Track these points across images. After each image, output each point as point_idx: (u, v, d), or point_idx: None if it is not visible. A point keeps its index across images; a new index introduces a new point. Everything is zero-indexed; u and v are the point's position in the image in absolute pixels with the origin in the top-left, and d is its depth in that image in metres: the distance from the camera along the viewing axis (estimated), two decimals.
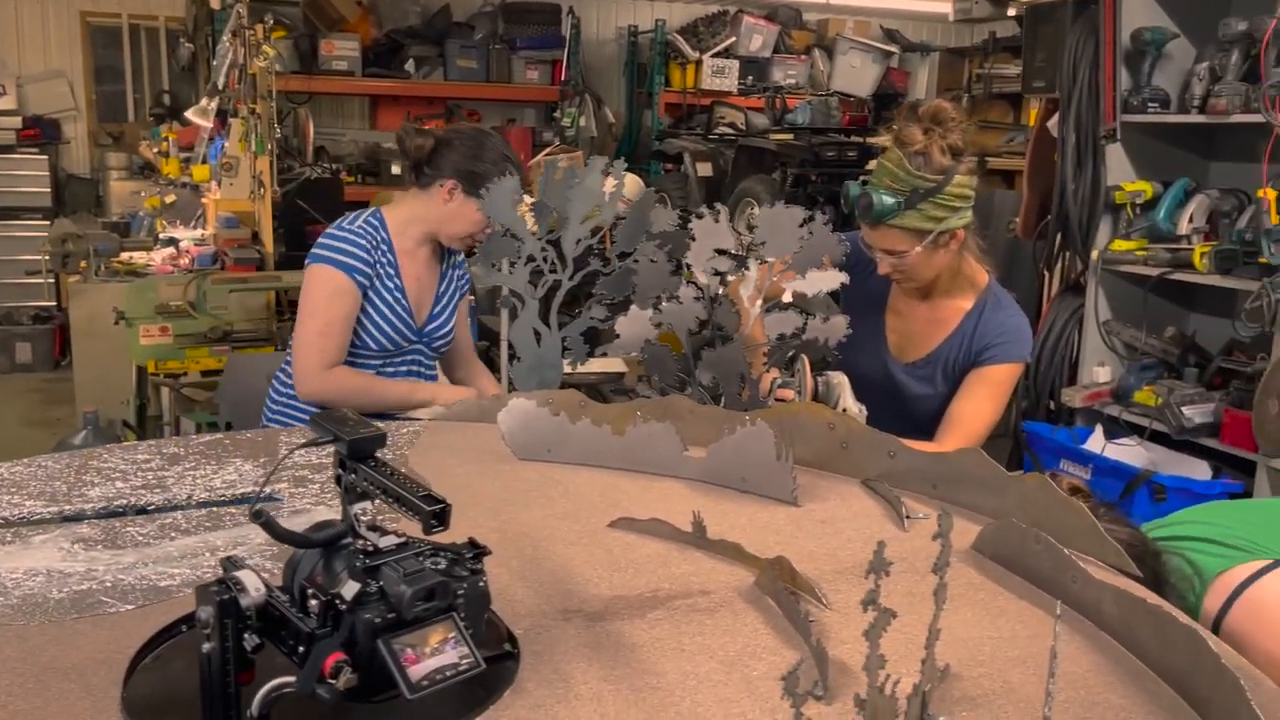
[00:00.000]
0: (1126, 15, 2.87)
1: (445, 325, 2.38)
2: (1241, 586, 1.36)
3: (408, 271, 2.28)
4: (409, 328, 2.28)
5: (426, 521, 0.87)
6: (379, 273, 2.23)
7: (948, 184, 1.77)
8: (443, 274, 2.38)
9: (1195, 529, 1.51)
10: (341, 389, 2.17)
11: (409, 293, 2.27)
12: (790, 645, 1.02)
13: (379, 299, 2.23)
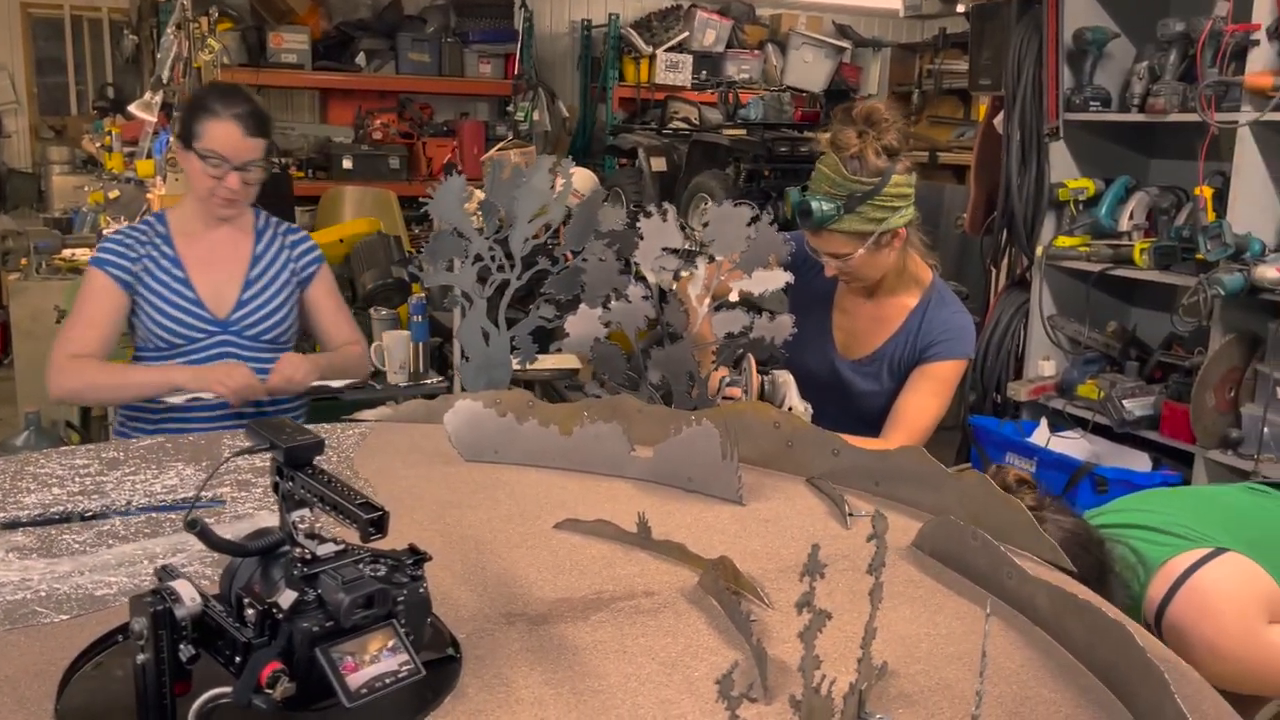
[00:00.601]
0: (1068, 15, 2.91)
1: (262, 311, 2.25)
2: (1184, 576, 1.40)
3: (194, 260, 2.20)
4: (202, 319, 2.20)
5: (364, 529, 0.86)
6: (148, 267, 2.18)
7: (885, 185, 1.79)
8: (257, 256, 2.27)
9: (1137, 517, 1.56)
10: (83, 378, 2.13)
11: (197, 283, 2.19)
12: (732, 645, 1.03)
13: (153, 294, 2.17)
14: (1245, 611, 1.39)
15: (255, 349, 2.25)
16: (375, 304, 3.49)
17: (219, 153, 2.09)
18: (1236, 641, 1.39)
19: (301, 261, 2.31)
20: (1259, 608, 1.40)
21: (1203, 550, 1.44)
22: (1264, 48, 2.47)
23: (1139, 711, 0.91)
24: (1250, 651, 1.38)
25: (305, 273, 2.31)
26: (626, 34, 7.19)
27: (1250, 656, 1.38)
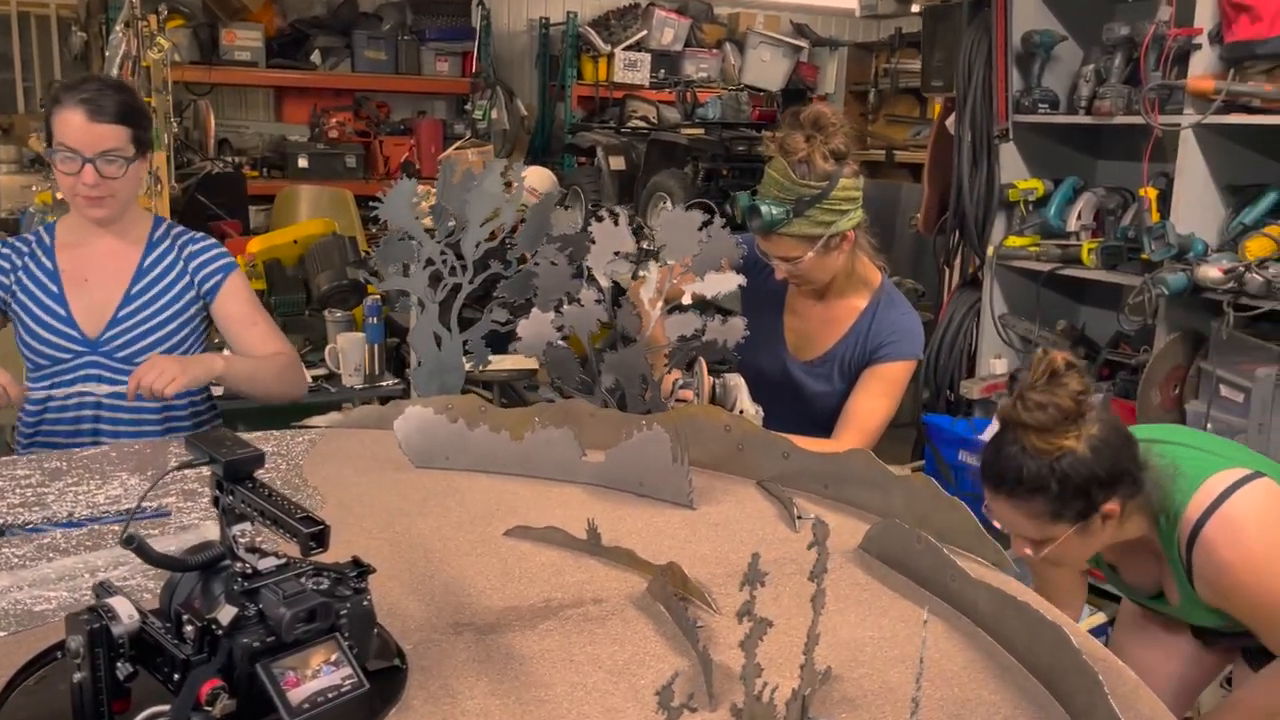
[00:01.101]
0: (1017, 18, 2.95)
1: (138, 331, 1.93)
2: (1221, 497, 1.45)
3: (72, 274, 1.93)
4: (70, 339, 1.90)
5: (305, 544, 0.86)
6: (22, 280, 1.92)
7: (833, 189, 1.81)
8: (142, 269, 1.96)
9: (1182, 436, 1.62)
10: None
11: (71, 299, 1.91)
12: (679, 652, 1.04)
13: (25, 310, 1.91)
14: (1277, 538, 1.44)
15: (127, 373, 1.87)
16: (330, 306, 3.45)
17: (66, 144, 1.81)
18: (1265, 564, 1.43)
19: (202, 273, 2.00)
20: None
21: (1243, 471, 1.48)
22: (1205, 52, 2.52)
23: (1075, 711, 0.93)
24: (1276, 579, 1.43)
25: (208, 285, 2.00)
26: (585, 32, 7.17)
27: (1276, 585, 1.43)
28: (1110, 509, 1.46)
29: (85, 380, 1.91)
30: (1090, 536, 1.48)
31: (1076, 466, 1.43)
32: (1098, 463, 1.43)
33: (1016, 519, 1.48)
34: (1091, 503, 1.44)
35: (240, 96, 6.92)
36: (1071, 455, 1.42)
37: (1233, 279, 2.39)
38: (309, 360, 3.28)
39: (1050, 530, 1.47)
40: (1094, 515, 1.46)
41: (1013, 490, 1.46)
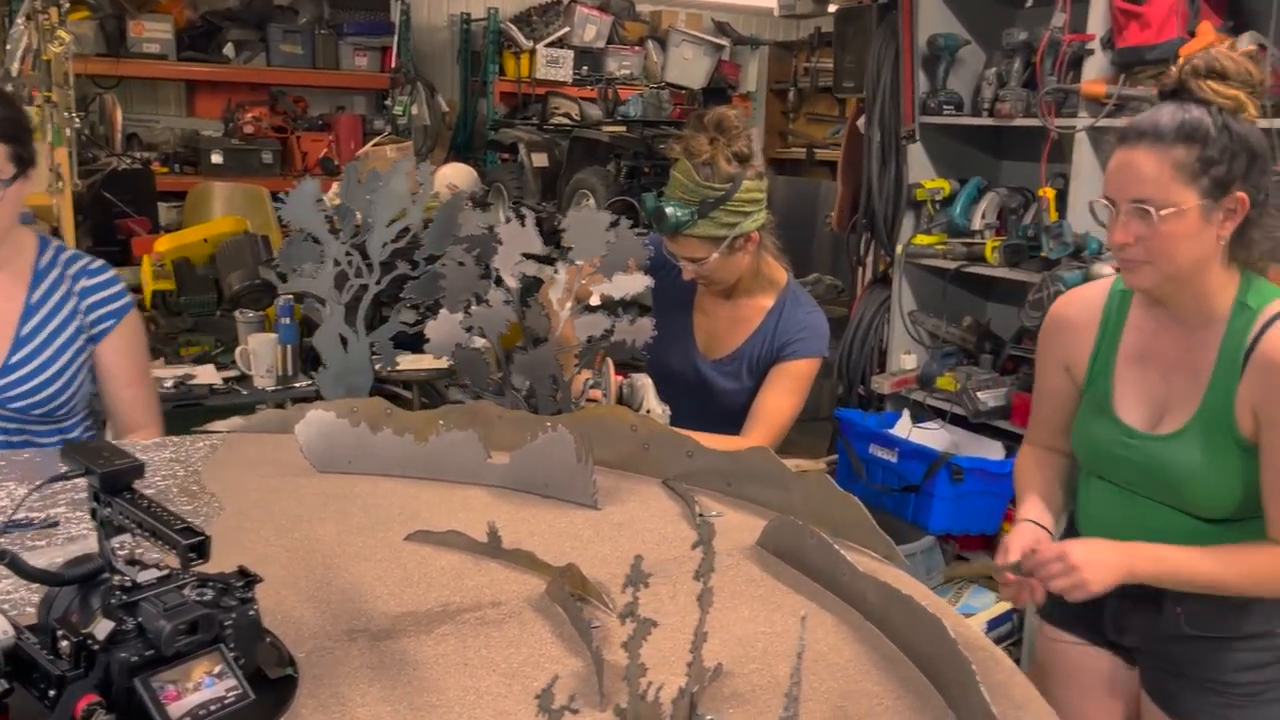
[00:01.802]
0: (922, 22, 3.03)
1: (34, 381, 1.75)
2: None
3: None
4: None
5: (184, 555, 0.85)
6: None
7: (736, 191, 1.84)
8: (32, 307, 1.75)
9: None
10: None
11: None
12: (574, 654, 1.05)
13: None
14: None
15: (23, 424, 1.75)
16: (242, 306, 3.39)
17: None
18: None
19: (96, 313, 1.81)
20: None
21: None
22: (1098, 57, 2.62)
23: (952, 699, 0.97)
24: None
25: (99, 327, 1.81)
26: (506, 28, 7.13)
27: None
28: (1241, 198, 1.41)
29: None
30: (1201, 231, 1.42)
31: (1243, 128, 1.40)
32: (1256, 139, 1.40)
33: (1145, 170, 1.41)
34: (1230, 176, 1.40)
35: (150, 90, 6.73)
36: (1242, 117, 1.40)
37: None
38: (220, 362, 3.22)
39: (1176, 193, 1.40)
40: (1224, 198, 1.41)
41: (1160, 135, 1.41)
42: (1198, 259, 1.44)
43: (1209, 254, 1.44)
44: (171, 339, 3.46)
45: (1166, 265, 1.45)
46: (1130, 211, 1.43)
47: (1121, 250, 1.48)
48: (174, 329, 3.54)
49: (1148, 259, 1.45)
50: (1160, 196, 1.41)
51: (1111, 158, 1.48)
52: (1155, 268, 1.45)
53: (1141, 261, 1.46)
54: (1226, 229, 1.43)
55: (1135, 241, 1.44)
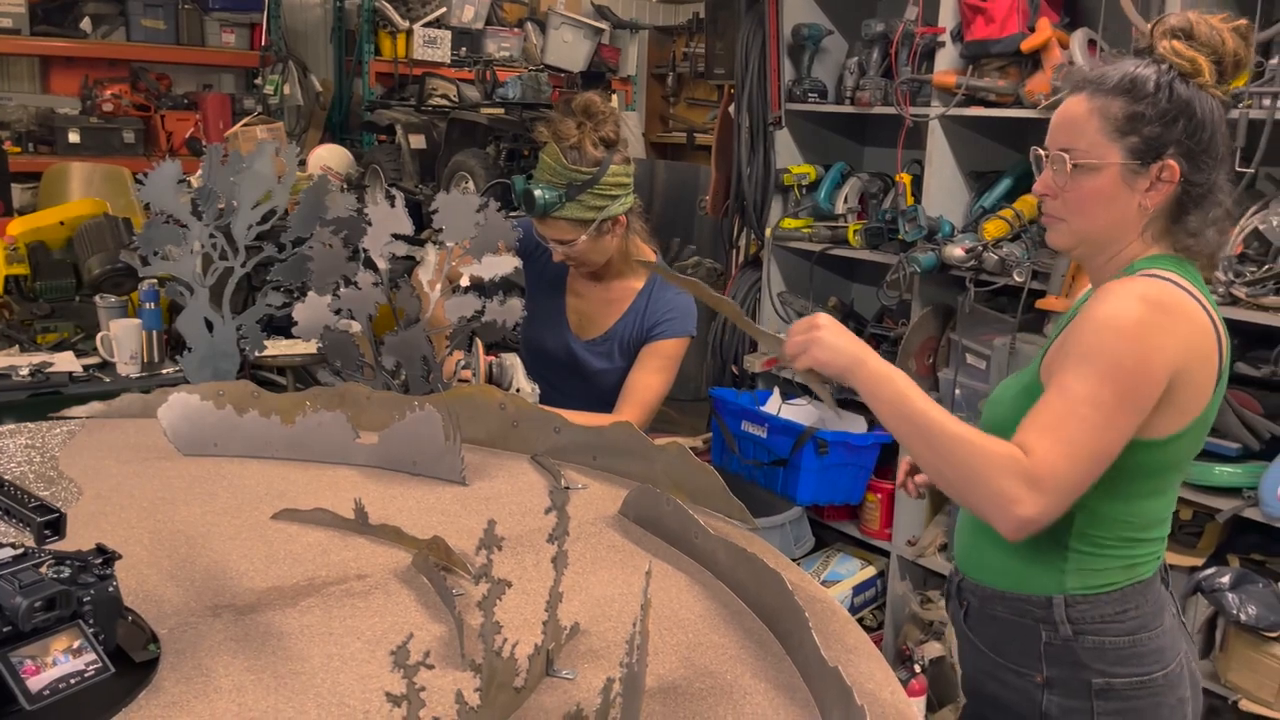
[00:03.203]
0: (788, 11, 3.13)
1: None
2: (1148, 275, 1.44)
3: None
4: None
5: (39, 532, 0.86)
6: None
7: (603, 174, 1.89)
8: None
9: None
10: None
11: None
12: (438, 620, 1.09)
13: None
14: None
15: None
16: (103, 291, 3.28)
17: None
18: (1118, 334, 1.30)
19: None
20: None
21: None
22: (948, 49, 2.76)
23: (791, 646, 1.05)
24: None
25: None
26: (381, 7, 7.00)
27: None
28: (1171, 166, 1.29)
29: None
30: (1120, 193, 1.31)
31: (1189, 92, 1.29)
32: (1204, 108, 1.29)
33: (1074, 117, 1.33)
34: (1163, 140, 1.29)
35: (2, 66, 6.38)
36: (1195, 82, 1.29)
37: (973, 257, 2.64)
38: (80, 349, 3.12)
39: (1098, 146, 1.31)
40: (1152, 163, 1.30)
41: (1100, 84, 1.32)
42: (1114, 224, 1.33)
43: (1128, 223, 1.33)
44: (27, 326, 3.33)
45: (1080, 223, 1.35)
46: (1053, 160, 1.34)
47: (1042, 203, 1.40)
48: (29, 315, 3.40)
49: (1063, 215, 1.36)
50: (1081, 146, 1.31)
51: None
52: (1069, 226, 1.36)
53: (1057, 218, 1.37)
54: (1151, 199, 1.31)
55: (1054, 195, 1.35)
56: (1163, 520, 1.41)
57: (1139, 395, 1.26)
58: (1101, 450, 1.25)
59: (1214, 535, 2.48)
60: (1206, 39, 1.30)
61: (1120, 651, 1.36)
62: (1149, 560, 1.40)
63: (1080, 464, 1.24)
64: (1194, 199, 1.32)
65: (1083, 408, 1.24)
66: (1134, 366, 1.25)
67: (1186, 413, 1.31)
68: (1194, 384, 1.30)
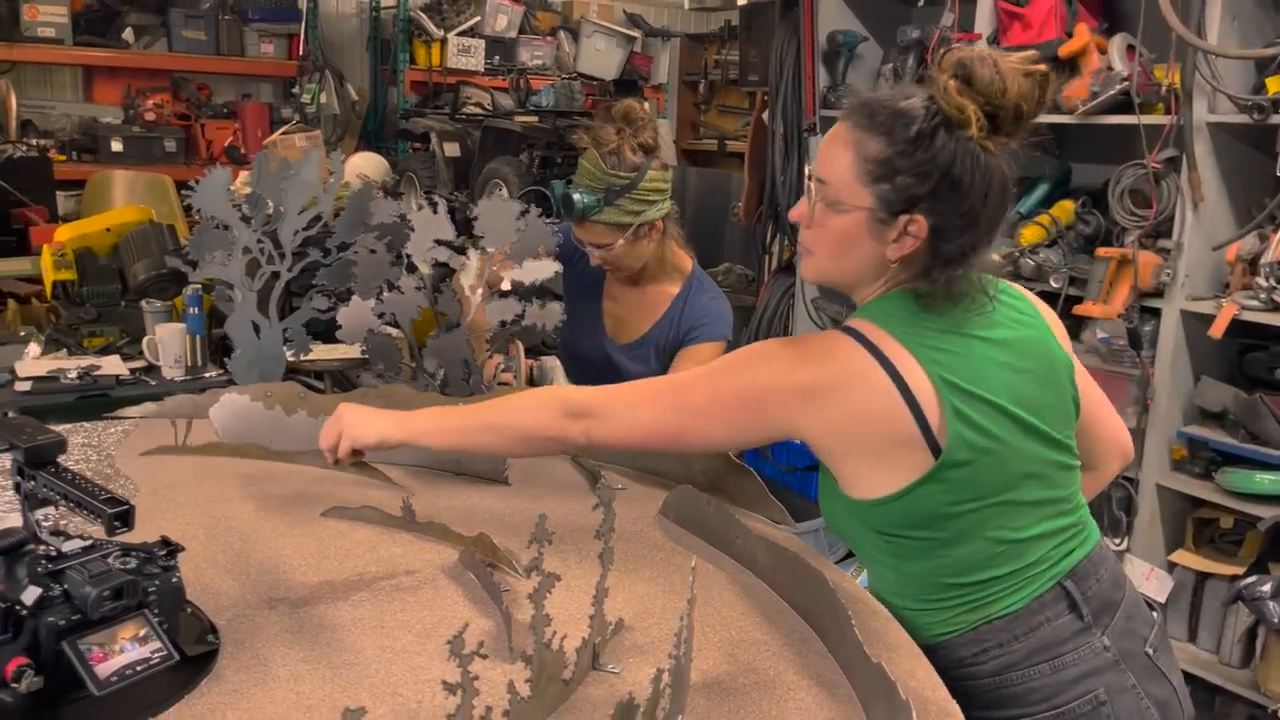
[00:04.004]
0: (823, 18, 3.14)
1: None
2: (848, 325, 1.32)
3: None
4: None
5: (109, 523, 0.89)
6: None
7: (641, 180, 1.91)
8: None
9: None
10: None
11: None
12: (485, 614, 1.12)
13: None
14: None
15: None
16: (148, 296, 3.35)
17: None
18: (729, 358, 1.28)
19: None
20: None
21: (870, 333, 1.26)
22: None
23: (832, 644, 1.06)
24: None
25: None
26: (416, 16, 7.09)
27: None
28: (917, 224, 1.18)
29: None
30: (864, 240, 1.20)
31: (954, 151, 1.16)
32: (962, 167, 1.16)
33: (836, 149, 1.21)
34: (913, 196, 1.17)
35: (45, 75, 6.51)
36: (963, 134, 1.15)
37: (1009, 263, 2.63)
38: (126, 353, 3.18)
39: (851, 187, 1.19)
40: (897, 218, 1.18)
41: (868, 116, 1.19)
42: (858, 269, 1.24)
43: (873, 269, 1.23)
44: (74, 330, 3.40)
45: (825, 261, 1.26)
46: (811, 188, 1.24)
47: (795, 230, 1.31)
48: (76, 319, 3.48)
49: (812, 248, 1.27)
50: (834, 181, 1.20)
51: None
52: (816, 261, 1.27)
53: (807, 249, 1.28)
54: (896, 251, 1.20)
55: (806, 225, 1.25)
56: (988, 562, 1.23)
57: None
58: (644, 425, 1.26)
59: (1255, 544, 2.46)
60: (985, 86, 1.16)
61: (988, 694, 1.22)
62: (1000, 597, 1.23)
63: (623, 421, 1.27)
64: (942, 258, 1.20)
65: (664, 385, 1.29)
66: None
67: (892, 471, 1.18)
68: (873, 444, 1.19)
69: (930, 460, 1.17)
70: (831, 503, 1.25)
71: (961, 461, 1.18)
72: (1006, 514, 1.24)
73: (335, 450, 1.31)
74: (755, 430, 1.22)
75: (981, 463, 1.20)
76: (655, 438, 1.26)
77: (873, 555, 1.24)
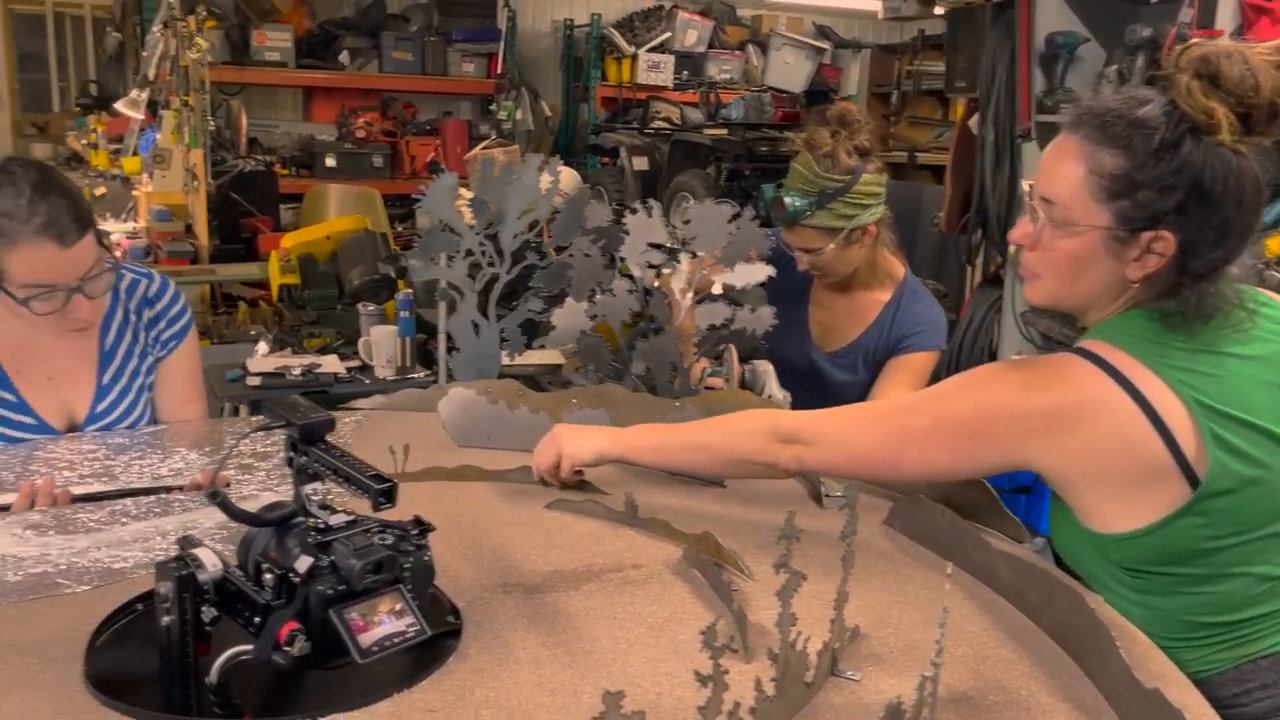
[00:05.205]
0: (1040, 19, 3.00)
1: (114, 417, 1.65)
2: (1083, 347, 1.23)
3: (29, 378, 1.60)
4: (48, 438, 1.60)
5: (375, 499, 0.93)
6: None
7: (855, 183, 1.87)
8: (106, 354, 1.66)
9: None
10: None
11: (36, 406, 1.60)
12: (714, 611, 1.10)
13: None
14: None
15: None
16: (362, 300, 3.54)
17: (41, 283, 1.46)
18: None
19: (159, 339, 1.72)
20: None
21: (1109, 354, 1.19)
22: None
23: (1090, 668, 0.99)
24: None
25: (163, 350, 1.72)
26: (608, 34, 7.26)
27: None
28: (1163, 241, 1.09)
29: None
30: (1101, 261, 1.13)
31: (1198, 157, 1.07)
32: (1213, 175, 1.07)
33: (1064, 165, 1.13)
34: (1158, 211, 1.08)
35: (269, 96, 7.04)
36: (1211, 140, 1.07)
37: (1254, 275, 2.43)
38: (341, 353, 3.37)
39: (1085, 206, 1.11)
40: (1138, 235, 1.10)
41: (1097, 127, 1.10)
42: (1093, 292, 1.16)
43: (1110, 291, 1.15)
44: (295, 331, 3.64)
45: (1054, 286, 1.18)
46: (1034, 207, 1.16)
47: (1017, 252, 1.21)
48: (298, 321, 3.72)
49: (1039, 272, 1.18)
50: (1064, 200, 1.12)
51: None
52: (1044, 286, 1.19)
53: (1033, 273, 1.20)
54: (1138, 270, 1.12)
55: (1030, 247, 1.17)
56: (1250, 600, 1.13)
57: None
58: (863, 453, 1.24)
59: None
60: (1235, 84, 1.07)
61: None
62: (1264, 635, 1.14)
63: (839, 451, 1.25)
64: (1192, 275, 1.10)
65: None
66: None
67: (1142, 504, 1.10)
68: (1118, 475, 1.10)
69: (1187, 491, 1.09)
70: (1067, 535, 1.19)
71: (1223, 491, 1.10)
72: (1274, 547, 1.14)
73: (555, 470, 1.39)
74: (981, 459, 1.18)
75: (1246, 492, 1.11)
76: (872, 465, 1.25)
77: (1115, 590, 1.16)
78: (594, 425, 1.50)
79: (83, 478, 1.40)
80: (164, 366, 1.73)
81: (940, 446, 1.17)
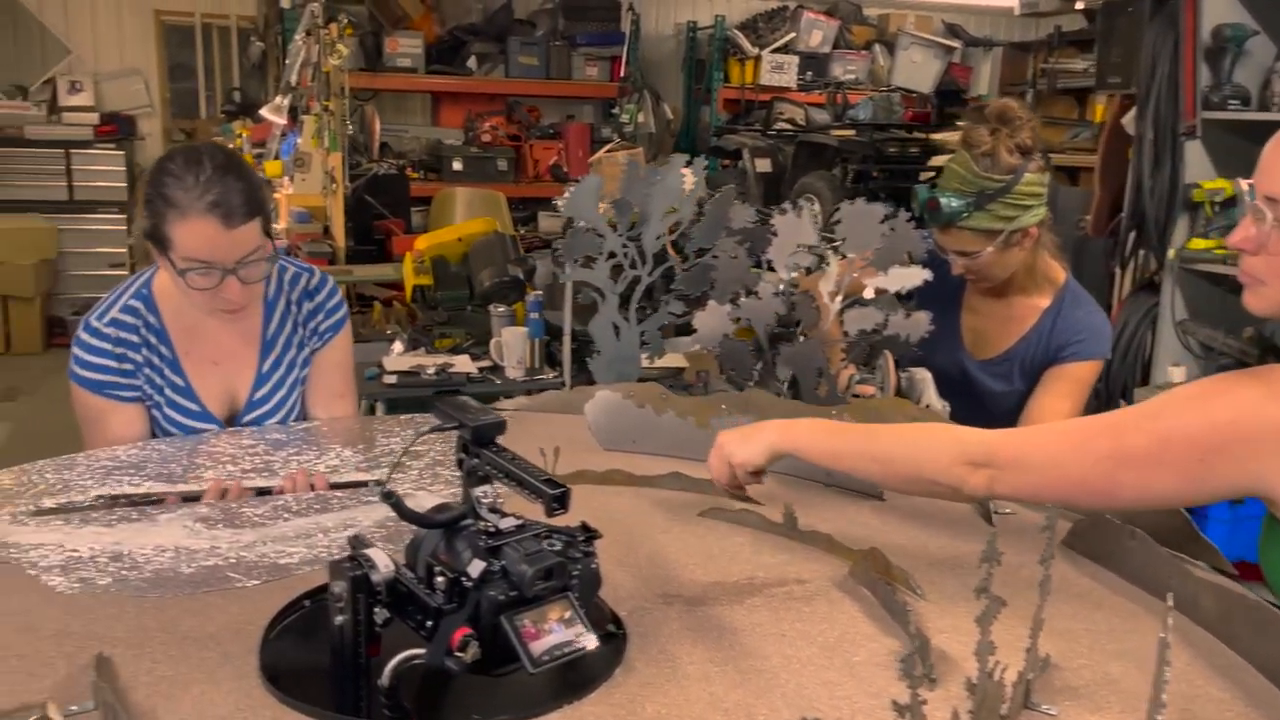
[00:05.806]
0: (1207, 12, 2.82)
1: (277, 414, 1.70)
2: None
3: (196, 361, 1.65)
4: (207, 427, 1.65)
5: (549, 504, 0.91)
6: (149, 378, 1.62)
7: (1017, 183, 1.77)
8: (268, 342, 1.70)
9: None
10: None
11: (200, 390, 1.65)
12: (889, 633, 1.05)
13: (157, 409, 1.64)
14: None
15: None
16: (493, 301, 3.58)
17: (198, 258, 1.50)
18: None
19: (315, 321, 1.75)
20: None
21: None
22: None
23: None
24: None
25: (322, 341, 1.75)
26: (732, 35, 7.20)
27: None
28: None
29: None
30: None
31: None
32: None
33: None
34: None
35: (400, 101, 7.22)
36: None
37: None
38: (474, 353, 3.41)
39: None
40: None
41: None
42: None
43: None
44: (428, 331, 3.70)
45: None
46: (1258, 208, 1.07)
47: (1239, 257, 1.12)
48: (430, 321, 3.79)
49: (1264, 278, 1.09)
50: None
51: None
52: (1271, 293, 1.10)
53: (1257, 279, 1.10)
54: None
55: (1254, 251, 1.09)
56: None
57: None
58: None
59: None
60: None
61: None
62: None
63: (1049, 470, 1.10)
64: None
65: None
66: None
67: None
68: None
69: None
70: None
71: None
72: None
73: (733, 482, 1.28)
74: (1208, 484, 1.06)
75: None
76: (1080, 492, 1.10)
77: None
78: (755, 423, 1.41)
79: (245, 472, 1.43)
80: (319, 358, 1.75)
81: (1163, 470, 1.05)
